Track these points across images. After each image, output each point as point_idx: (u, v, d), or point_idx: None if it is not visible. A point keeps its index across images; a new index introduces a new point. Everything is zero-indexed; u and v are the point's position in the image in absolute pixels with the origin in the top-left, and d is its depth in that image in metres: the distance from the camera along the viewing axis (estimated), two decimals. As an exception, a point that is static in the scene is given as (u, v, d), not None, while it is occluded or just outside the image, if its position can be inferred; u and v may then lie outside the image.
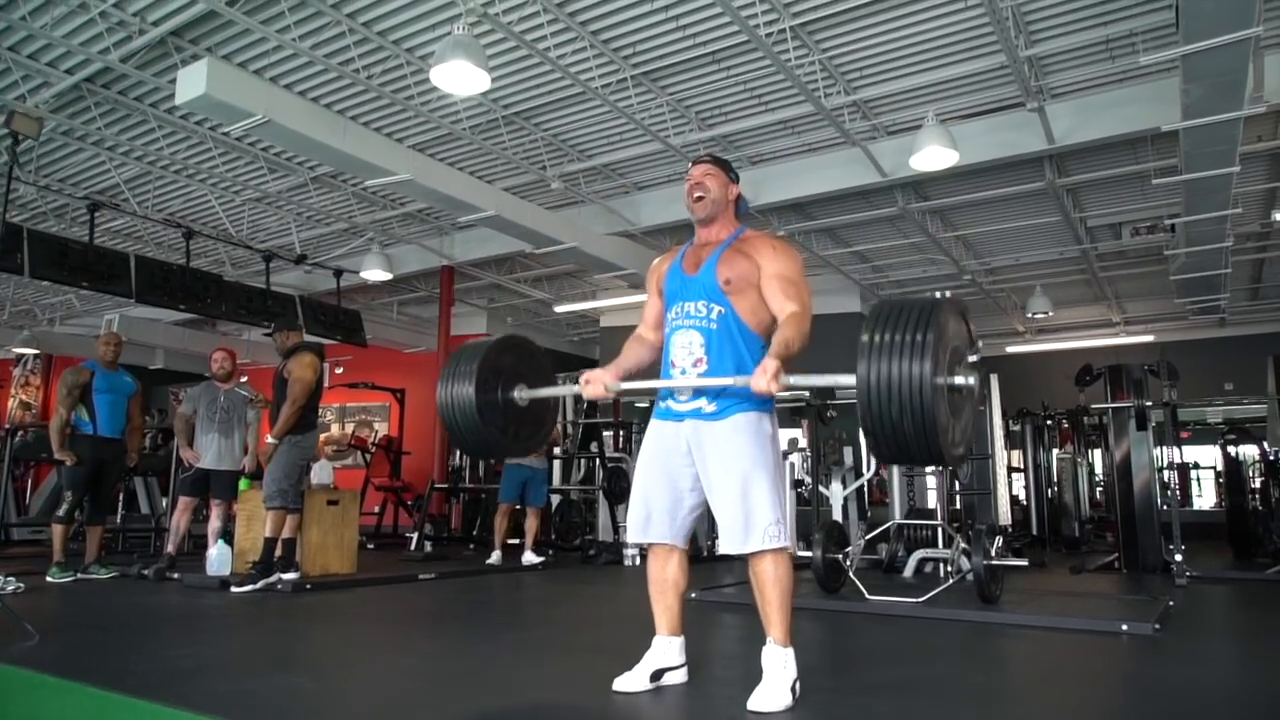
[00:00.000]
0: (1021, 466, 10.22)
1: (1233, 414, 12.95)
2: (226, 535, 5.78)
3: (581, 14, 5.83)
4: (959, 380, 2.08)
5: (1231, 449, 8.81)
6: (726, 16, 5.78)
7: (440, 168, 7.34)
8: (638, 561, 7.40)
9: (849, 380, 2.10)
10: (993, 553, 4.42)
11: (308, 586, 5.06)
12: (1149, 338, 13.40)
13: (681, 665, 2.66)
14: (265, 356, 14.47)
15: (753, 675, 2.44)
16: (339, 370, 12.84)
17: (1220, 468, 10.61)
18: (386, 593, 5.25)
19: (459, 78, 5.15)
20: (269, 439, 5.21)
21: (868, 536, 5.14)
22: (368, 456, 11.78)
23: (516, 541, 7.56)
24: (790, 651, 2.45)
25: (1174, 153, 7.36)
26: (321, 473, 5.85)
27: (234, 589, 4.94)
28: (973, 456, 7.19)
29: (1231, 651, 3.65)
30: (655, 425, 2.67)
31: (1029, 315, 11.72)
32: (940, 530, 5.55)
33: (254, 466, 6.14)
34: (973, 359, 2.24)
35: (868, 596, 4.57)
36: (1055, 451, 10.64)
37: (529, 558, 6.69)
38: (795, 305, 2.49)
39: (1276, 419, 6.67)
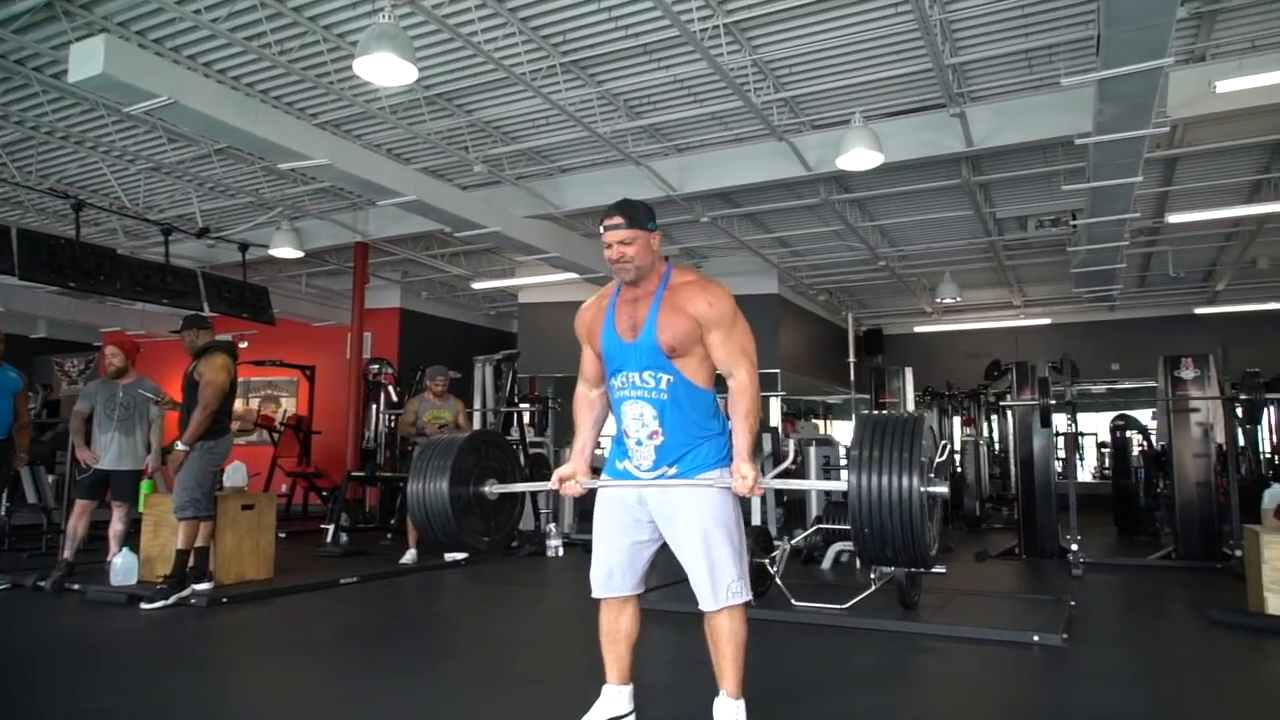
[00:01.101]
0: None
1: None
2: (131, 541, 5.50)
3: (512, 0, 5.63)
4: (937, 490, 2.20)
5: (1119, 434, 9.39)
6: (656, 10, 5.69)
7: (359, 151, 7.02)
8: (560, 552, 7.41)
9: (838, 486, 2.21)
10: (913, 561, 4.59)
11: (224, 600, 4.87)
12: (1046, 320, 14.10)
13: (630, 713, 2.68)
14: (160, 327, 13.74)
15: (698, 715, 2.49)
16: (243, 345, 12.29)
17: (1105, 439, 11.31)
18: (308, 604, 5.10)
19: (384, 69, 4.91)
20: (179, 445, 4.95)
21: (793, 543, 5.26)
22: (275, 435, 11.38)
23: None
24: (741, 703, 2.51)
25: (1083, 157, 7.70)
26: (235, 475, 5.60)
27: (144, 606, 4.71)
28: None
29: (1133, 666, 3.88)
30: (608, 484, 2.65)
31: (938, 300, 12.13)
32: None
33: (157, 466, 5.85)
34: (940, 459, 2.32)
35: (793, 603, 4.71)
36: (959, 431, 11.11)
37: (451, 554, 6.60)
38: (743, 369, 2.48)
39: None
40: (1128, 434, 9.20)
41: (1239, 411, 6.90)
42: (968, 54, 6.21)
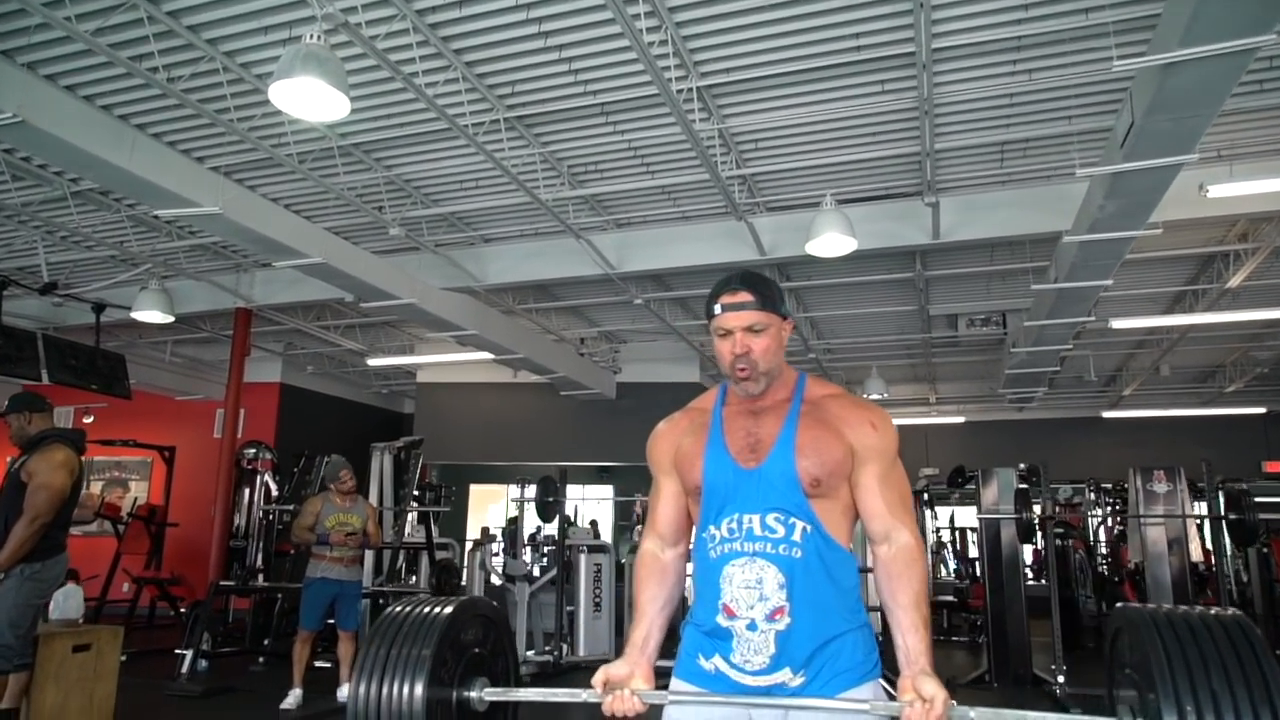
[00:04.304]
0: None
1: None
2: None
3: (456, 40, 4.85)
4: None
5: (1060, 541, 9.05)
6: (625, 66, 5.06)
7: (259, 202, 5.97)
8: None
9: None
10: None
11: (39, 792, 3.55)
12: (959, 419, 14.02)
13: None
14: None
15: None
16: (88, 420, 10.58)
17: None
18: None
19: (308, 99, 3.98)
20: (-11, 571, 3.66)
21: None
22: (120, 528, 9.70)
23: (326, 665, 6.16)
24: None
25: (1028, 257, 7.48)
26: (67, 604, 4.28)
27: (-87, 806, 3.35)
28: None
29: None
30: (688, 697, 1.72)
31: (864, 396, 11.77)
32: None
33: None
34: None
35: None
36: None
37: (348, 694, 5.35)
38: (907, 529, 1.70)
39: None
40: (1068, 542, 8.88)
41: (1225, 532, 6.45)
42: (944, 141, 5.84)
